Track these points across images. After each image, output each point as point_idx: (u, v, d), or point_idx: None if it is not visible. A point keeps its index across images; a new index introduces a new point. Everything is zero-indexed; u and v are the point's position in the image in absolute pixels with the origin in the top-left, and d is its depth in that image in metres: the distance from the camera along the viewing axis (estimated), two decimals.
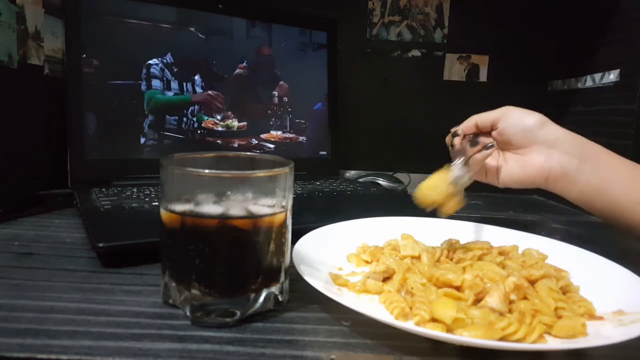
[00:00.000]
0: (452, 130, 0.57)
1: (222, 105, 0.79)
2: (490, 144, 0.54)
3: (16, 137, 0.61)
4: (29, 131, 0.64)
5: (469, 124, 0.57)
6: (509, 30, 1.02)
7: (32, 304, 0.36)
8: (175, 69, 0.76)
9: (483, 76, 1.03)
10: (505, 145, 0.55)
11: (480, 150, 0.54)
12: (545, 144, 0.52)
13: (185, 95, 0.77)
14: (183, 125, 0.77)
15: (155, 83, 0.74)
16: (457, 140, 0.56)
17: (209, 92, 0.78)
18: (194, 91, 0.78)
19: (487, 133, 0.56)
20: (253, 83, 0.85)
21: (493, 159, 0.56)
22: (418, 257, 0.45)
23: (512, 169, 0.54)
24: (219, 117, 0.80)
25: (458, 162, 0.52)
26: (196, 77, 0.78)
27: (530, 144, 0.53)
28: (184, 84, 0.77)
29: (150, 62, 0.74)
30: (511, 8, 1.01)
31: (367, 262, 0.47)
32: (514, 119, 0.54)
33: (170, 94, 0.76)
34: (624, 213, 0.50)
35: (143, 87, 0.74)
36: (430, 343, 0.33)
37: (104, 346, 0.30)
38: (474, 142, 0.55)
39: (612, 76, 0.78)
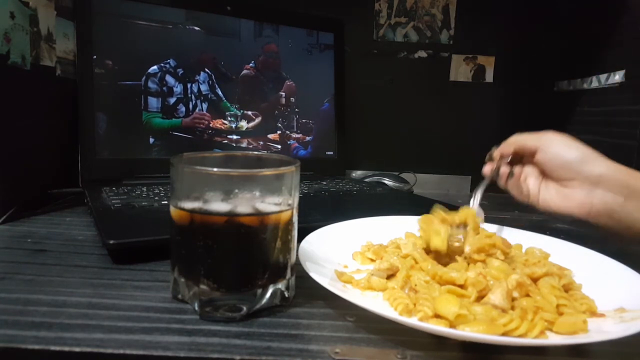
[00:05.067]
0: (491, 150, 0.58)
1: (208, 122, 0.80)
2: (510, 175, 0.56)
3: (29, 137, 0.62)
4: (41, 131, 0.65)
5: (507, 148, 0.56)
6: (515, 31, 1.02)
7: (45, 299, 0.37)
8: (183, 70, 0.77)
9: (489, 77, 1.03)
10: (546, 174, 0.54)
11: (505, 179, 0.56)
12: (588, 180, 0.50)
13: (176, 120, 0.77)
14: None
15: (152, 103, 0.75)
16: (487, 169, 0.58)
17: (196, 113, 0.78)
18: (200, 92, 0.79)
19: (529, 156, 0.55)
20: (260, 84, 0.86)
21: (534, 183, 0.55)
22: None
23: (552, 197, 0.53)
24: (228, 119, 0.82)
25: (476, 198, 0.54)
26: (204, 78, 0.80)
27: (571, 178, 0.51)
28: (189, 85, 0.78)
29: (150, 70, 0.75)
30: (517, 9, 1.01)
31: (371, 260, 0.47)
32: (554, 151, 0.52)
33: (172, 100, 0.77)
34: None
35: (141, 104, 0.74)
36: (433, 338, 0.33)
37: (115, 339, 0.31)
38: (497, 174, 0.57)
39: (618, 77, 0.79)
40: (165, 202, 0.58)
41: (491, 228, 0.55)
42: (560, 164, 0.51)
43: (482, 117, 1.04)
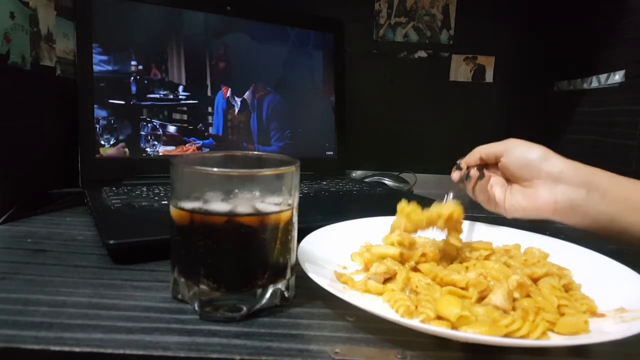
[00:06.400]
0: (457, 162, 0.59)
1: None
2: (480, 177, 0.56)
3: (29, 137, 0.62)
4: (41, 131, 0.65)
5: (473, 157, 0.57)
6: (515, 31, 1.02)
7: (45, 299, 0.37)
8: (185, 70, 0.77)
9: (489, 77, 1.03)
10: (510, 178, 0.56)
11: (474, 184, 0.56)
12: (550, 177, 0.51)
13: None
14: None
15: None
16: (456, 175, 0.58)
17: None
18: (206, 92, 0.79)
19: (494, 164, 0.57)
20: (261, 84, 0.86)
21: (500, 190, 0.56)
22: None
23: (518, 200, 0.54)
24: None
25: (448, 198, 0.54)
26: (207, 77, 0.80)
27: (534, 177, 0.52)
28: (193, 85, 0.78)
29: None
30: (517, 9, 1.01)
31: (366, 265, 0.45)
32: (517, 153, 0.54)
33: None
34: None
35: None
36: (432, 338, 0.33)
37: (115, 339, 0.31)
38: (467, 177, 0.57)
39: (618, 77, 0.79)
40: (165, 202, 0.58)
41: (490, 228, 0.55)
42: (523, 164, 0.53)
43: (482, 117, 1.04)
